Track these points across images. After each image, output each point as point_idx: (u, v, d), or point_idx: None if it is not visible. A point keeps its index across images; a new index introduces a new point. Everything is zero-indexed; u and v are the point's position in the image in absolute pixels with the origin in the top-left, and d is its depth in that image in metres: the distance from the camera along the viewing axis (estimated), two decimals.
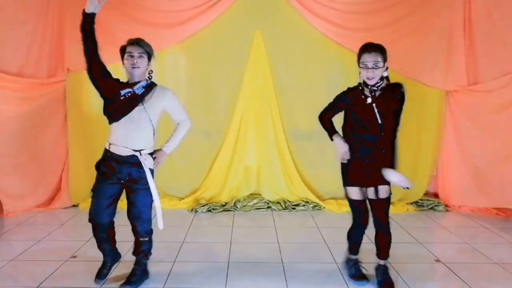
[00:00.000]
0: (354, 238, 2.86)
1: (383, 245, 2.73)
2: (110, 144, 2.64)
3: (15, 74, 4.15)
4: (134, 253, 2.84)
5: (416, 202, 4.73)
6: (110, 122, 2.63)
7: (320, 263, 3.13)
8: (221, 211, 4.53)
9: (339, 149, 2.68)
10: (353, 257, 2.92)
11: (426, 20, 4.48)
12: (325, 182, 4.84)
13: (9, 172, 4.24)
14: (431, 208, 4.67)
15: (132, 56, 2.58)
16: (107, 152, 2.66)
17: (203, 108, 4.74)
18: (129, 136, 2.59)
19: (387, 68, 2.58)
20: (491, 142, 4.37)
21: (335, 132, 2.74)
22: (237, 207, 4.62)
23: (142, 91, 2.60)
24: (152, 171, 2.69)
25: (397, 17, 4.50)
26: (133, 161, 2.61)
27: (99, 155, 2.75)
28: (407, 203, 4.69)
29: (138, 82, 2.62)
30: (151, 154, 2.69)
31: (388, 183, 2.59)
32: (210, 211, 4.52)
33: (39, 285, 2.78)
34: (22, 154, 4.31)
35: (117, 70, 4.81)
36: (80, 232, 3.85)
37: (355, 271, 2.90)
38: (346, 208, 4.20)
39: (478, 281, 2.92)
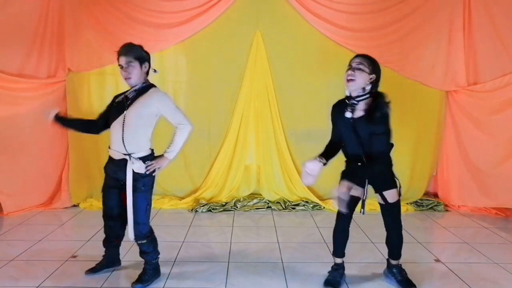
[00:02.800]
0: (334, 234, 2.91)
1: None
2: (109, 147, 2.73)
3: (15, 74, 4.16)
4: (140, 255, 2.85)
5: (415, 202, 4.74)
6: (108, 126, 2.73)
7: (320, 263, 3.13)
8: (221, 211, 4.53)
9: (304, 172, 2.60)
10: (337, 260, 2.89)
11: (426, 20, 4.48)
12: (325, 182, 4.81)
13: (9, 172, 4.24)
14: (431, 208, 4.67)
15: (122, 68, 2.60)
16: (109, 155, 2.76)
17: (203, 108, 4.74)
18: (120, 140, 2.61)
19: (372, 82, 2.50)
20: (491, 142, 4.38)
21: (320, 155, 2.66)
22: (237, 207, 4.63)
23: (133, 95, 2.63)
24: (147, 175, 2.66)
25: (397, 17, 4.50)
26: (124, 164, 2.64)
27: (99, 155, 2.79)
28: (407, 203, 4.69)
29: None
30: (146, 158, 2.66)
31: (392, 187, 2.70)
32: (210, 211, 4.53)
33: (39, 285, 2.78)
34: (22, 154, 4.31)
35: (118, 69, 4.83)
36: (80, 232, 3.86)
37: (329, 276, 2.86)
38: None
39: (478, 281, 2.92)
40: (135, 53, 2.59)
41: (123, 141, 2.61)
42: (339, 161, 2.81)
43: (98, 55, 4.47)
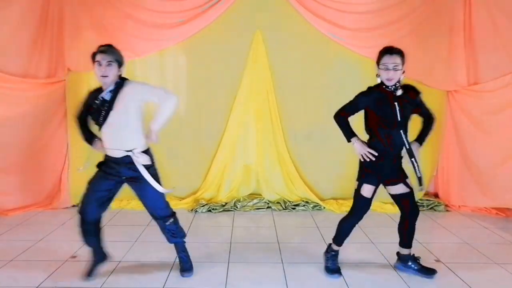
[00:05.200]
0: (346, 228, 2.94)
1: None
2: (106, 148, 2.72)
3: (15, 74, 4.15)
4: (169, 240, 2.94)
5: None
6: (99, 129, 2.72)
7: (320, 263, 3.12)
8: (221, 211, 4.53)
9: (360, 151, 2.75)
10: (336, 248, 3.01)
11: (426, 20, 4.48)
12: (325, 182, 4.84)
13: (9, 172, 4.24)
14: (431, 208, 4.67)
15: (100, 65, 2.60)
16: (105, 155, 2.76)
17: (203, 108, 4.74)
18: (117, 139, 2.65)
19: (403, 72, 2.70)
20: (491, 142, 4.37)
21: (354, 135, 2.78)
22: (237, 207, 4.62)
23: (110, 96, 2.64)
24: (152, 165, 2.74)
25: (397, 17, 4.49)
26: (128, 161, 2.67)
27: (99, 155, 2.77)
28: None
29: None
30: (147, 151, 2.75)
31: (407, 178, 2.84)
32: (210, 211, 4.53)
33: (39, 285, 2.79)
34: (22, 154, 4.31)
35: None
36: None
37: (331, 264, 2.99)
38: (346, 208, 4.21)
39: (478, 281, 2.92)
40: (116, 55, 2.64)
41: (122, 140, 2.65)
42: (341, 161, 2.80)
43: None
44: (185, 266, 2.96)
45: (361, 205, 2.85)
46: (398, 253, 3.07)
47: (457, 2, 4.45)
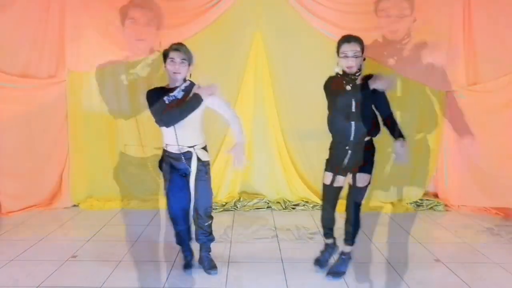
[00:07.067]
0: (322, 218, 3.04)
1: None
2: (166, 144, 2.86)
3: (15, 75, 4.16)
4: (199, 239, 3.03)
5: (415, 202, 4.73)
6: (161, 126, 2.79)
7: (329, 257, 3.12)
8: (221, 211, 4.53)
9: None
10: (325, 240, 3.10)
11: (426, 20, 4.48)
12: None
13: (9, 172, 4.25)
14: (431, 208, 4.67)
15: (174, 62, 2.74)
16: (165, 152, 2.89)
17: None
18: (181, 136, 2.79)
19: (364, 59, 2.71)
20: (491, 142, 4.37)
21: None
22: (237, 207, 4.62)
23: (182, 94, 2.78)
24: (207, 162, 2.91)
25: (397, 17, 4.49)
26: (188, 157, 2.83)
27: (99, 155, 2.79)
28: (407, 203, 4.69)
29: (177, 86, 2.78)
30: (205, 147, 2.94)
31: (367, 171, 2.79)
32: None
33: (39, 285, 2.79)
34: (23, 154, 4.31)
35: (118, 69, 4.85)
36: (80, 232, 3.86)
37: (320, 255, 3.09)
38: (345, 208, 4.21)
39: (478, 281, 2.92)
40: (189, 54, 2.79)
41: (185, 137, 2.81)
42: None
43: (98, 55, 4.47)
44: (212, 264, 3.05)
45: (324, 192, 2.95)
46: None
47: (457, 2, 4.44)
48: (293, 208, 4.64)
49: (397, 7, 4.47)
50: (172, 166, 2.86)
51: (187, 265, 3.05)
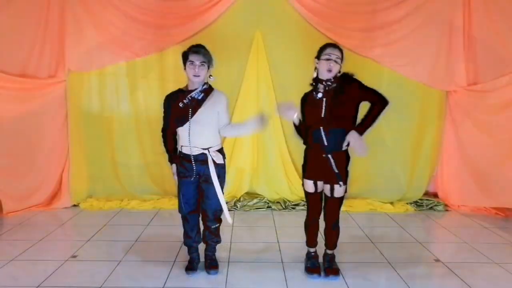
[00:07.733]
0: (305, 226, 3.05)
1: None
2: (182, 146, 2.85)
3: (16, 74, 4.15)
4: (206, 239, 3.05)
5: (415, 202, 4.74)
6: (176, 127, 2.84)
7: (320, 263, 3.11)
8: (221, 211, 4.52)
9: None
10: (309, 249, 3.08)
11: (426, 20, 4.48)
12: None
13: (9, 172, 4.24)
14: (431, 208, 4.67)
15: (194, 65, 2.74)
16: (180, 154, 2.88)
17: None
18: (197, 136, 2.79)
19: (340, 68, 2.78)
20: (491, 142, 4.37)
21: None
22: (237, 207, 4.63)
23: (201, 95, 2.80)
24: (222, 166, 2.89)
25: (397, 17, 4.49)
26: (202, 159, 2.82)
27: (99, 155, 2.78)
28: (407, 203, 4.70)
29: (195, 88, 2.80)
30: (221, 150, 2.92)
31: (342, 182, 2.76)
32: None
33: (39, 285, 2.79)
34: (23, 154, 4.31)
35: (118, 69, 4.85)
36: (80, 232, 3.86)
37: (310, 264, 3.03)
38: (345, 208, 4.21)
39: (478, 281, 2.92)
40: (208, 57, 2.80)
41: (201, 139, 2.80)
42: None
43: (98, 55, 4.47)
44: (212, 264, 3.05)
45: (307, 200, 2.95)
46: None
47: (457, 2, 4.44)
48: (293, 208, 4.64)
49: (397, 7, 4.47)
50: (186, 167, 2.86)
51: (191, 268, 3.00)
